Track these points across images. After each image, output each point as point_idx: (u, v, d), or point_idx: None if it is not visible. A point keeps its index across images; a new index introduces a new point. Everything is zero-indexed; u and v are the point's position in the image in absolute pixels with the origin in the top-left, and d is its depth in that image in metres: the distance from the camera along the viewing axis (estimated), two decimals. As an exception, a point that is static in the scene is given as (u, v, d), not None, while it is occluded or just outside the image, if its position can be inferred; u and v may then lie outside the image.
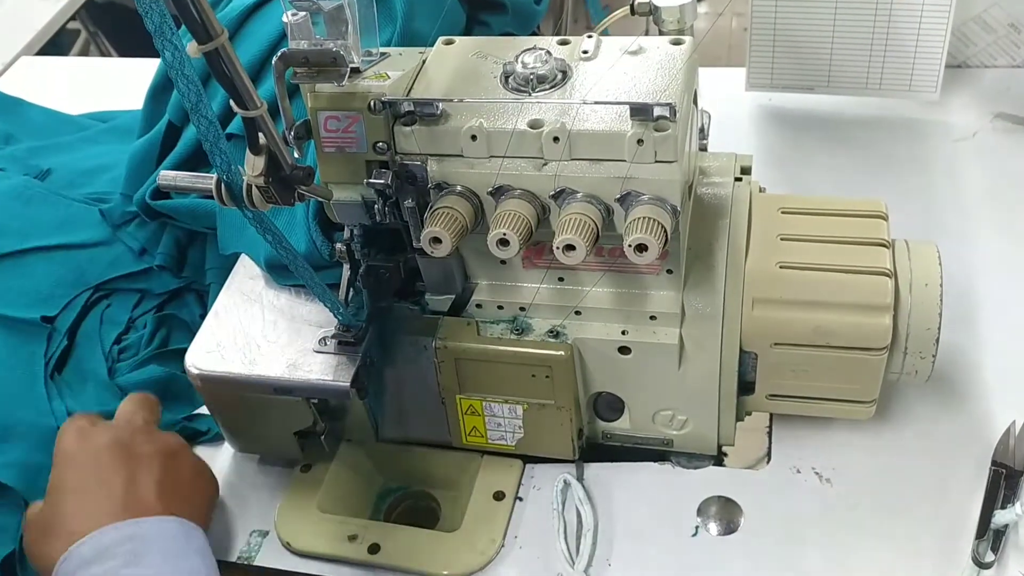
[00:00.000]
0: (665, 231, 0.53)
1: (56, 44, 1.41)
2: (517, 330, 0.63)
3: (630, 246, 0.53)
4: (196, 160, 0.78)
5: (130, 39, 1.72)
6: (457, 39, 0.62)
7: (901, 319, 0.62)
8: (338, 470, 0.71)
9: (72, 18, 1.47)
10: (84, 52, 1.65)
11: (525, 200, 0.56)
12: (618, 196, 0.55)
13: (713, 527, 0.65)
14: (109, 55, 1.71)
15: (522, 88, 0.57)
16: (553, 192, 0.56)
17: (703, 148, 0.70)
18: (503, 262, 0.61)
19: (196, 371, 0.65)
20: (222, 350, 0.66)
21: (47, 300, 0.78)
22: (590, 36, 0.60)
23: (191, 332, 0.70)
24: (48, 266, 0.80)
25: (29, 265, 0.80)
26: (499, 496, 0.68)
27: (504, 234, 0.54)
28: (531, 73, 0.57)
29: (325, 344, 0.65)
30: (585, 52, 0.59)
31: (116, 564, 0.56)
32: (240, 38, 0.76)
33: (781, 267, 0.62)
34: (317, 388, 0.64)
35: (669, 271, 0.60)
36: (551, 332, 0.63)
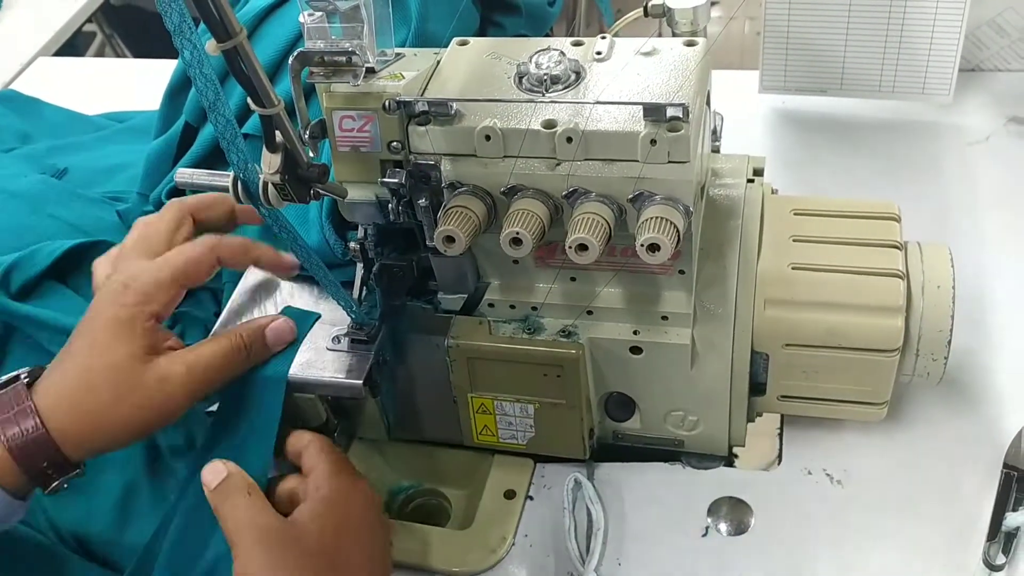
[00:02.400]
0: (677, 231, 0.54)
1: (72, 46, 1.42)
2: (529, 329, 0.63)
3: (642, 246, 0.53)
4: (212, 160, 0.78)
5: (145, 42, 1.73)
6: (471, 40, 0.63)
7: (913, 321, 0.62)
8: (350, 468, 0.71)
9: (88, 20, 1.49)
10: (100, 54, 1.66)
11: (538, 199, 0.56)
12: (631, 196, 0.55)
13: (724, 527, 0.65)
14: (124, 57, 1.72)
15: (536, 88, 0.58)
16: (566, 192, 0.56)
17: (715, 150, 0.70)
18: (516, 261, 0.62)
19: (210, 368, 0.66)
20: (236, 347, 0.66)
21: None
22: (604, 37, 0.61)
23: (206, 330, 0.70)
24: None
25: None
26: (510, 495, 0.68)
27: (517, 232, 0.54)
28: (545, 74, 0.57)
29: (338, 342, 0.65)
30: (599, 53, 0.59)
31: None
32: (256, 39, 0.76)
33: (793, 268, 0.62)
34: (330, 386, 0.64)
35: (681, 271, 0.60)
36: (563, 332, 0.63)
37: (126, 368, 0.56)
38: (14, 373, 0.57)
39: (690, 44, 0.59)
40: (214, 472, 0.57)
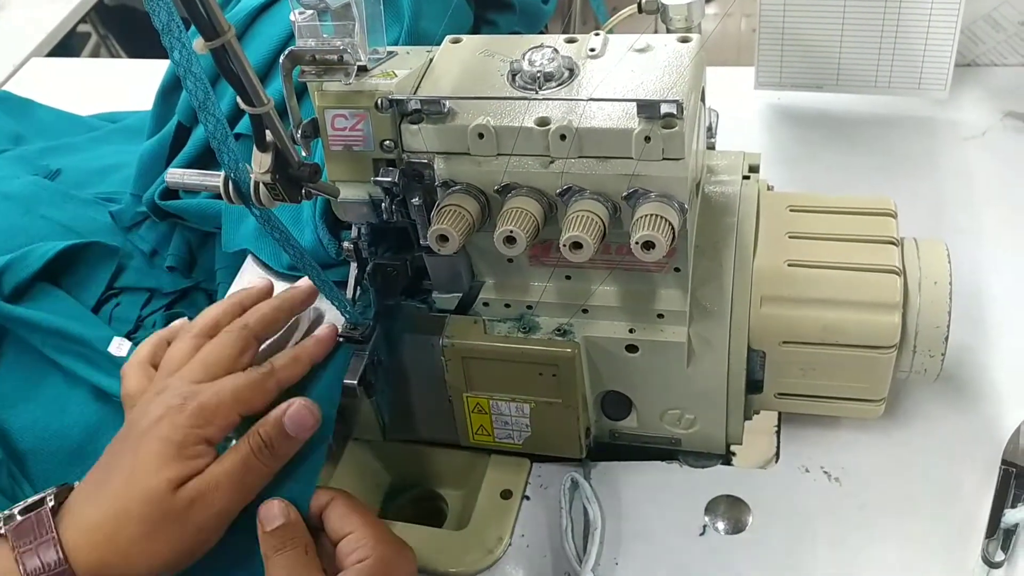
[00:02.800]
0: (672, 228, 0.53)
1: (66, 47, 1.42)
2: (524, 328, 0.63)
3: (637, 243, 0.53)
4: (205, 160, 0.78)
5: (140, 41, 1.72)
6: (464, 37, 0.62)
7: (910, 317, 0.62)
8: (346, 469, 0.71)
9: (82, 20, 1.48)
10: (95, 55, 1.66)
11: (532, 198, 0.56)
12: (625, 194, 0.55)
13: (721, 526, 0.65)
14: (120, 57, 1.72)
15: (529, 86, 0.57)
16: (560, 190, 0.56)
17: (711, 147, 0.69)
18: (510, 260, 0.61)
19: (204, 369, 0.65)
20: (230, 348, 0.66)
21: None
22: (597, 34, 0.60)
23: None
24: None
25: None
26: (506, 495, 0.68)
27: (511, 231, 0.54)
28: (538, 71, 0.57)
29: (333, 342, 0.65)
30: (592, 50, 0.59)
31: None
32: (248, 39, 0.76)
33: (789, 265, 0.62)
34: (325, 386, 0.64)
35: (677, 269, 0.60)
36: (558, 330, 0.62)
37: (160, 497, 0.52)
38: (40, 495, 0.53)
39: (684, 40, 0.59)
40: (271, 515, 0.54)
